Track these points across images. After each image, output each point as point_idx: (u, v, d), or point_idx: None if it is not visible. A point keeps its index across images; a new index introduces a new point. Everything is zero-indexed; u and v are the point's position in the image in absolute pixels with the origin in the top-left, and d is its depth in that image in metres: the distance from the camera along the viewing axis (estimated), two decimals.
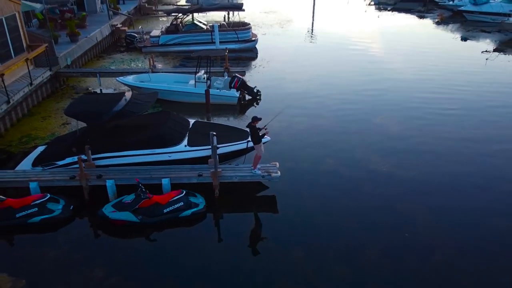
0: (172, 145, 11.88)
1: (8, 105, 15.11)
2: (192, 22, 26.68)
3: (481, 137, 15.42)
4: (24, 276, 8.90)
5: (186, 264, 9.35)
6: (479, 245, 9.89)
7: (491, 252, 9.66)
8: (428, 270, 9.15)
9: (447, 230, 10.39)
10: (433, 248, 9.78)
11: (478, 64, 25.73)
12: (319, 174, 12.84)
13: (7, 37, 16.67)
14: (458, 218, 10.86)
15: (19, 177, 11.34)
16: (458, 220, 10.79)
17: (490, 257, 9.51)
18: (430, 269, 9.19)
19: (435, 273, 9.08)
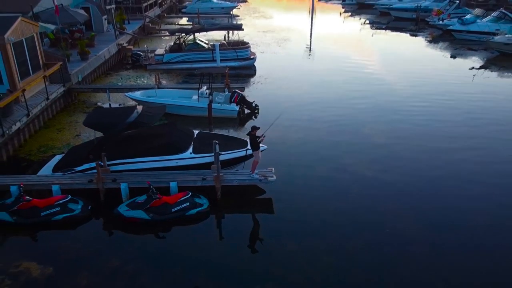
0: (179, 153, 13.29)
1: (28, 117, 16.52)
2: (194, 41, 28.29)
3: (458, 145, 16.85)
4: (50, 265, 10.16)
5: (192, 256, 10.59)
6: (451, 239, 11.21)
7: (462, 246, 10.97)
8: (405, 261, 10.45)
9: (423, 227, 11.70)
10: (410, 242, 11.09)
11: (465, 80, 27.33)
12: (311, 178, 14.21)
13: (27, 56, 18.20)
14: (433, 216, 12.19)
15: (43, 181, 12.69)
16: (433, 217, 12.11)
17: (462, 251, 10.83)
18: (406, 260, 10.49)
19: (410, 263, 10.38)
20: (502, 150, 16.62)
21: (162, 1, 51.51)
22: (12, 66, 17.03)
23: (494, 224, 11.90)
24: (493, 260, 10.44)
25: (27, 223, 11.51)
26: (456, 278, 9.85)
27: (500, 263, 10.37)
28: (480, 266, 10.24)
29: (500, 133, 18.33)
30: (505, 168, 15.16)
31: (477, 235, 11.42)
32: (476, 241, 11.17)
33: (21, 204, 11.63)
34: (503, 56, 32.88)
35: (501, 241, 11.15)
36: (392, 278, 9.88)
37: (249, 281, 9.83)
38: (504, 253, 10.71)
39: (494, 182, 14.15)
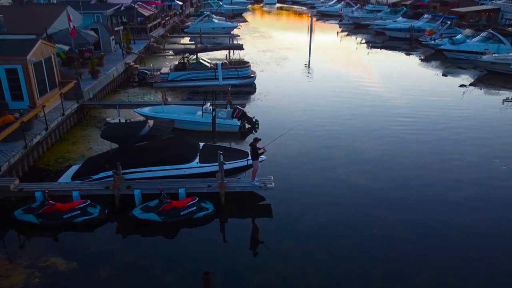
0: (187, 162, 14.72)
1: (46, 131, 17.96)
2: (198, 60, 29.94)
3: (442, 156, 18.28)
4: (74, 260, 11.45)
5: (198, 254, 11.87)
6: (431, 238, 12.55)
7: (441, 245, 12.31)
8: (389, 258, 11.77)
9: (407, 229, 13.05)
10: (394, 241, 12.43)
11: (455, 97, 29.07)
12: (307, 186, 15.60)
13: (45, 75, 19.76)
14: (416, 219, 13.55)
15: (64, 187, 14.07)
16: (415, 221, 13.47)
17: (441, 249, 12.17)
18: (390, 257, 11.81)
19: (393, 260, 11.70)
20: (479, 160, 18.07)
21: (165, 22, 53.49)
22: (32, 84, 18.57)
23: (472, 223, 13.26)
24: (473, 259, 11.78)
25: (51, 224, 12.85)
26: (439, 272, 11.17)
27: (479, 258, 11.71)
28: (459, 262, 11.57)
29: (482, 146, 19.81)
30: (484, 176, 16.58)
31: (455, 232, 12.77)
32: (455, 236, 12.51)
33: (45, 207, 12.99)
34: (491, 74, 34.57)
35: (482, 240, 12.49)
36: (377, 271, 11.19)
37: (250, 275, 11.11)
38: (484, 250, 12.05)
39: (470, 187, 15.56)
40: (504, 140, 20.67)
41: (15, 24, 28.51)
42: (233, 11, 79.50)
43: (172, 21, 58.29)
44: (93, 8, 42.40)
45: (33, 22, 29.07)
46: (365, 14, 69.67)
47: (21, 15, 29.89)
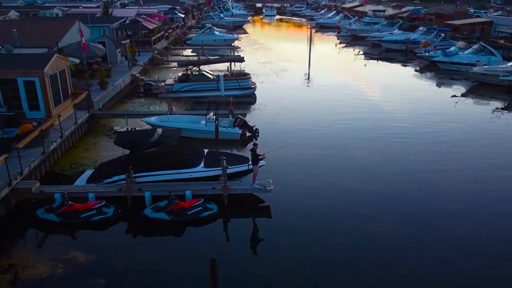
0: (193, 167, 16.07)
1: (61, 139, 19.32)
2: (201, 72, 31.40)
3: (428, 162, 19.63)
4: (92, 254, 12.73)
5: (203, 250, 13.09)
6: (415, 234, 13.86)
7: (423, 240, 13.61)
8: (375, 251, 13.06)
9: (392, 226, 14.36)
10: (380, 237, 13.72)
11: (448, 107, 30.55)
12: (303, 189, 16.93)
13: (59, 86, 21.17)
14: (401, 218, 14.87)
15: (81, 190, 15.40)
16: (401, 219, 14.79)
17: (422, 244, 13.46)
18: (376, 250, 13.10)
19: (379, 253, 12.99)
20: (466, 165, 19.42)
21: (168, 34, 55.16)
22: (48, 95, 19.97)
23: (459, 226, 14.57)
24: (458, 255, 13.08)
25: (70, 223, 14.14)
26: (421, 267, 12.46)
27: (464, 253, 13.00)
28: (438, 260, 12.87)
29: (470, 153, 21.17)
30: (471, 180, 17.94)
31: (438, 232, 14.08)
32: (436, 236, 13.82)
33: (65, 207, 14.30)
34: (481, 85, 36.05)
35: (465, 235, 13.79)
36: (364, 262, 12.48)
37: (249, 267, 12.41)
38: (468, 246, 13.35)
39: (452, 190, 16.89)
40: (490, 148, 22.04)
41: (27, 38, 30.00)
42: (233, 23, 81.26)
43: (175, 33, 59.96)
44: (100, 21, 44.09)
45: (44, 36, 30.62)
46: (363, 26, 71.36)
47: (33, 29, 31.39)
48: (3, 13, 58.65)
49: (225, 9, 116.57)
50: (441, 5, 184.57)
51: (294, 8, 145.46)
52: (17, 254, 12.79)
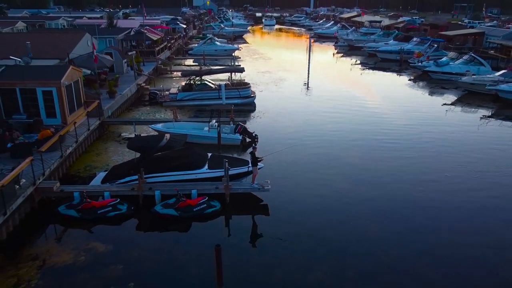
0: (198, 169, 17.76)
1: (76, 144, 21.01)
2: (203, 82, 33.18)
3: (416, 169, 21.32)
4: (110, 244, 14.35)
5: (208, 242, 14.67)
6: (396, 228, 15.51)
7: (403, 233, 15.26)
8: (360, 242, 14.70)
9: (376, 220, 16.01)
10: (366, 230, 15.37)
11: (439, 115, 32.34)
12: (299, 189, 18.59)
13: (73, 95, 22.91)
14: (385, 214, 16.52)
15: (97, 189, 17.06)
16: (384, 215, 16.43)
17: (402, 236, 15.11)
18: (361, 242, 14.74)
19: (364, 244, 14.63)
20: (451, 168, 21.12)
21: (171, 45, 57.13)
22: (64, 104, 21.71)
23: (441, 223, 16.23)
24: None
25: (88, 218, 15.77)
26: (407, 262, 14.10)
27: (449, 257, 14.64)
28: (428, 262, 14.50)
29: (459, 158, 22.87)
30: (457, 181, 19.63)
31: (418, 227, 15.73)
32: (423, 232, 15.46)
33: (84, 204, 15.95)
34: (470, 94, 37.85)
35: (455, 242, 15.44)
36: (350, 253, 14.11)
37: (249, 256, 14.03)
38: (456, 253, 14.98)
39: (442, 194, 18.57)
40: (474, 151, 23.74)
41: (40, 50, 31.74)
42: (234, 33, 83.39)
43: (177, 43, 61.98)
44: (106, 33, 46.06)
45: (55, 48, 32.42)
46: (359, 37, 73.53)
47: (44, 41, 33.16)
48: (11, 24, 60.82)
49: (225, 19, 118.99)
50: (438, 14, 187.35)
51: (293, 18, 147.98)
52: (43, 245, 14.44)
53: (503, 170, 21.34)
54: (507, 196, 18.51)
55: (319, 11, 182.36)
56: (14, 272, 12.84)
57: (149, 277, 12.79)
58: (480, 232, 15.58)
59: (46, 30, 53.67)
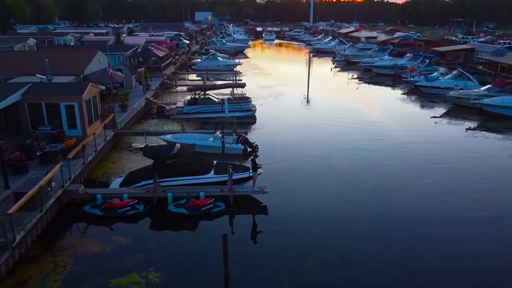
0: (205, 174, 20.18)
1: (95, 152, 23.46)
2: (207, 96, 35.74)
3: (404, 172, 23.72)
4: (130, 237, 16.69)
5: (214, 236, 16.95)
6: (379, 223, 17.86)
7: (384, 228, 17.61)
8: (346, 236, 17.04)
9: (360, 218, 18.37)
10: (351, 225, 17.72)
11: (428, 127, 34.89)
12: (293, 193, 20.97)
13: (92, 109, 25.44)
14: (369, 212, 18.89)
15: (118, 191, 19.46)
16: (369, 213, 18.80)
17: (384, 232, 17.46)
18: (347, 235, 17.08)
19: (350, 237, 16.98)
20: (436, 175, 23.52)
21: (175, 60, 59.96)
22: (84, 117, 24.22)
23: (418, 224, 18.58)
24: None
25: (110, 216, 18.13)
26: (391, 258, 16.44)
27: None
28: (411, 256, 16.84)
29: (446, 167, 25.29)
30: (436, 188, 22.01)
31: (398, 225, 18.09)
32: (407, 232, 17.81)
33: (106, 204, 18.34)
34: (457, 107, 40.36)
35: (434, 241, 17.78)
36: (337, 245, 16.45)
37: (249, 248, 16.39)
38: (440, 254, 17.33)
39: (422, 197, 20.95)
40: (455, 160, 26.15)
41: (56, 67, 34.19)
42: (235, 48, 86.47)
43: (181, 59, 64.84)
44: (116, 50, 48.80)
45: (71, 65, 34.98)
46: (356, 52, 76.40)
47: (61, 58, 35.73)
48: (23, 40, 63.69)
49: (227, 34, 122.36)
50: (435, 29, 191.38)
51: (293, 33, 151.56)
52: (73, 238, 16.84)
53: (482, 177, 23.71)
54: (489, 197, 20.87)
55: (318, 26, 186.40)
56: (51, 259, 15.18)
57: (165, 263, 15.10)
58: (464, 236, 17.93)
59: (61, 47, 56.45)
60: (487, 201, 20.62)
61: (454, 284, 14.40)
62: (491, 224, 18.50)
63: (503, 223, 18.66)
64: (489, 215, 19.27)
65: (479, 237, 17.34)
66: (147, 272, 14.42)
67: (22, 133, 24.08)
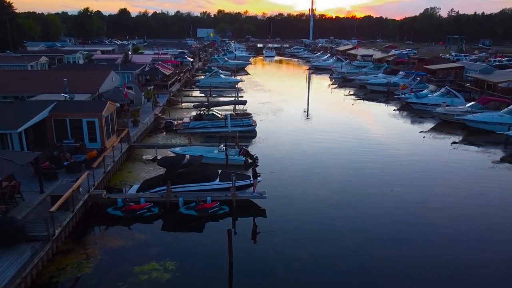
0: (211, 181, 23.14)
1: (113, 163, 26.42)
2: (211, 112, 38.81)
3: (389, 180, 26.62)
4: (148, 234, 19.56)
5: (220, 233, 19.76)
6: (363, 224, 20.71)
7: (367, 228, 20.47)
8: (335, 233, 19.89)
9: (347, 219, 21.25)
10: (340, 224, 20.58)
11: (416, 140, 38.03)
12: (290, 198, 23.87)
13: (110, 124, 28.49)
14: (359, 215, 21.75)
15: (135, 196, 22.36)
16: (358, 215, 21.66)
17: (367, 226, 20.31)
18: (336, 233, 19.94)
19: (337, 234, 19.83)
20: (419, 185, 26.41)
21: (180, 78, 63.31)
22: (103, 131, 27.26)
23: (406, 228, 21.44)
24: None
25: (130, 217, 21.01)
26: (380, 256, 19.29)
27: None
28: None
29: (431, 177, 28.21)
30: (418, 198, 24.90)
31: (396, 234, 20.94)
32: (397, 236, 20.67)
33: (126, 207, 21.24)
34: (444, 123, 43.35)
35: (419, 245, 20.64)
36: (325, 242, 19.29)
37: (250, 243, 19.24)
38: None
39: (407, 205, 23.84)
40: (437, 171, 29.07)
41: (73, 85, 37.49)
42: (236, 65, 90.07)
43: (185, 76, 68.23)
44: (125, 68, 52.10)
45: (87, 84, 38.23)
46: (352, 69, 79.89)
47: (77, 77, 39.00)
48: (36, 58, 67.27)
49: (228, 51, 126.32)
50: (432, 45, 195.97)
51: (292, 50, 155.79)
52: (100, 234, 19.76)
53: (462, 184, 26.65)
54: (468, 201, 23.74)
55: (318, 42, 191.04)
56: (83, 251, 18.04)
57: (179, 254, 17.94)
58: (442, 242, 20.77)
59: (76, 66, 59.91)
60: (468, 204, 23.63)
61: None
62: (474, 226, 21.38)
63: (479, 225, 21.49)
64: (469, 217, 22.20)
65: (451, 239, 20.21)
66: (164, 261, 17.25)
67: (48, 145, 27.06)
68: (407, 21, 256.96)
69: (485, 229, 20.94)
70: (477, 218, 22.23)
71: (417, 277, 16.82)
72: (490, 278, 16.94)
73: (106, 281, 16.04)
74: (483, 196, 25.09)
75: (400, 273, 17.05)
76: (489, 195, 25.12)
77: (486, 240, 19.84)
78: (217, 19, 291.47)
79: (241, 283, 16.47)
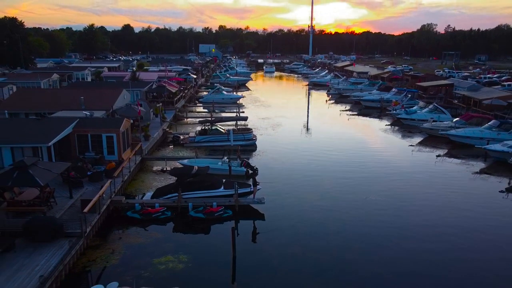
0: (217, 189, 26.46)
1: (129, 173, 29.75)
2: (215, 127, 42.27)
3: (380, 190, 29.88)
4: (163, 233, 22.81)
5: (224, 233, 23.03)
6: (352, 226, 23.95)
7: (355, 222, 23.69)
8: (327, 233, 23.12)
9: (337, 221, 24.49)
10: (330, 225, 23.82)
11: (405, 153, 41.35)
12: (286, 203, 27.12)
13: (126, 138, 31.92)
14: (346, 218, 25.00)
15: (151, 201, 25.65)
16: (345, 216, 24.91)
17: (356, 224, 23.54)
18: (327, 233, 23.17)
19: (327, 233, 23.07)
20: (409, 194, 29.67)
21: (185, 94, 66.98)
22: (120, 145, 30.66)
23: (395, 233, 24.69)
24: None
25: (147, 219, 24.29)
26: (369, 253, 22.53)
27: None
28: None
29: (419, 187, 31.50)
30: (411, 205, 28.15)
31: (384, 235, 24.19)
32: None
33: (143, 210, 24.54)
34: (431, 137, 46.70)
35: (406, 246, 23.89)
36: (318, 239, 22.52)
37: (250, 241, 22.48)
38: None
39: (399, 212, 27.10)
40: (423, 180, 32.36)
41: (89, 102, 41.02)
42: (238, 82, 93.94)
43: (190, 92, 71.95)
44: (134, 86, 55.71)
45: (101, 101, 41.76)
46: (348, 86, 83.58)
47: (92, 95, 42.57)
48: (48, 75, 71.07)
49: (230, 67, 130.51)
50: (429, 61, 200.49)
51: (292, 66, 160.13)
52: (122, 233, 22.98)
53: (444, 192, 29.90)
54: (448, 206, 26.97)
55: (317, 58, 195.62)
56: (109, 246, 21.30)
57: (191, 249, 21.19)
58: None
59: (89, 84, 63.51)
60: (450, 208, 26.82)
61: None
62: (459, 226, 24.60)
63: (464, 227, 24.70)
64: (451, 220, 25.42)
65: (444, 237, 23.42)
66: (178, 255, 20.50)
67: (71, 157, 30.42)
68: (405, 36, 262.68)
69: (465, 231, 24.02)
70: (458, 221, 25.29)
71: (394, 268, 20.04)
72: (469, 276, 20.15)
73: (130, 270, 19.23)
74: (464, 203, 28.20)
75: (378, 266, 20.26)
76: (470, 202, 28.36)
77: (465, 238, 23.04)
78: (218, 34, 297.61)
79: (243, 273, 19.63)
